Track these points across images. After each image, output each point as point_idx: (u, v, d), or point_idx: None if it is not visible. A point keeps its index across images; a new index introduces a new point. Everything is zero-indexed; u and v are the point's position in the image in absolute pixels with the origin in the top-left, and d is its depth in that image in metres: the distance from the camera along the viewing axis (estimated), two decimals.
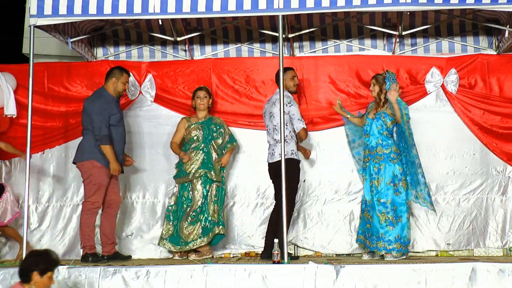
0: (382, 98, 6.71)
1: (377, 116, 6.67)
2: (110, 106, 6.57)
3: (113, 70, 6.78)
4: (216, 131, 7.08)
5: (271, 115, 6.75)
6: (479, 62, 7.34)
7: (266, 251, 6.44)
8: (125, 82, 6.75)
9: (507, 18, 6.92)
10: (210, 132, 7.05)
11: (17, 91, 7.21)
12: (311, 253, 7.23)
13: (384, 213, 6.49)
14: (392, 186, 6.52)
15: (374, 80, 6.75)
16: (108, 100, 6.60)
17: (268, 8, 6.12)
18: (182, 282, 5.48)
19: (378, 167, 6.58)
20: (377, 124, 6.65)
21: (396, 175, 6.54)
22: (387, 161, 6.56)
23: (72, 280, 5.50)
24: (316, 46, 7.79)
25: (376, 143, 6.63)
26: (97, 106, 6.51)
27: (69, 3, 6.15)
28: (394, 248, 6.42)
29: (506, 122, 7.23)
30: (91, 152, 6.50)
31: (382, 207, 6.50)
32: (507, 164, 7.22)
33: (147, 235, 7.30)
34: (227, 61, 7.63)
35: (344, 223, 7.25)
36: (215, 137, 7.06)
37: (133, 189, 7.40)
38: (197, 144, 7.01)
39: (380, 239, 6.45)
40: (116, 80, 6.68)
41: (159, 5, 6.13)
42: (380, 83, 6.69)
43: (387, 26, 7.48)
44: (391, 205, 6.49)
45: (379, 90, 6.71)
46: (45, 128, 7.31)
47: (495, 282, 5.37)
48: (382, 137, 6.63)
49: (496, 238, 7.15)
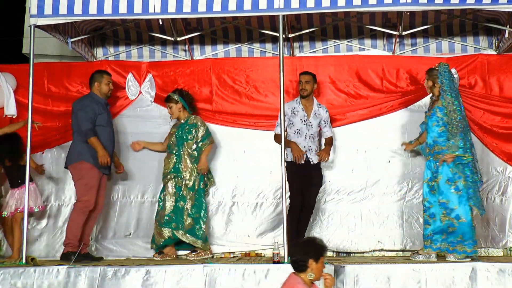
0: (435, 93, 6.49)
1: (432, 112, 6.49)
2: (97, 106, 6.66)
3: (93, 75, 6.85)
4: (189, 133, 7.03)
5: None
6: (479, 62, 7.34)
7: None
8: (108, 83, 6.84)
9: (507, 18, 6.92)
10: (182, 134, 7.02)
11: (17, 91, 7.22)
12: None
13: (444, 214, 6.29)
14: (451, 184, 6.29)
15: (427, 74, 6.56)
16: (95, 101, 6.68)
17: (268, 8, 6.13)
18: (182, 282, 5.49)
19: (437, 165, 6.39)
20: (432, 120, 6.46)
21: (454, 173, 6.30)
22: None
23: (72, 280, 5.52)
24: (316, 46, 7.79)
25: (433, 140, 6.43)
26: (82, 104, 6.61)
27: (69, 3, 6.16)
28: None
29: (506, 122, 7.23)
30: (81, 153, 6.56)
31: (442, 207, 6.31)
32: (507, 164, 7.22)
33: (146, 235, 7.29)
34: (227, 61, 7.63)
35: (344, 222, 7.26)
36: (189, 138, 7.02)
37: (132, 189, 7.39)
38: (172, 148, 7.05)
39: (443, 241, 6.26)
40: (98, 84, 6.78)
41: (159, 5, 6.14)
42: (433, 78, 6.49)
43: (387, 26, 7.48)
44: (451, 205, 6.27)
45: (432, 85, 6.51)
46: (45, 128, 7.31)
47: (495, 282, 5.38)
48: (437, 134, 6.41)
49: (496, 238, 7.15)
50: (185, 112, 7.09)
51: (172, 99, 7.06)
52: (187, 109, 7.10)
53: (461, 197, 6.25)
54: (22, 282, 5.53)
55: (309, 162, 6.82)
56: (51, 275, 5.56)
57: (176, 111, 7.07)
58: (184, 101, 7.07)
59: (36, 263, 5.99)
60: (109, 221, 7.32)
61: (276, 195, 7.28)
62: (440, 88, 6.42)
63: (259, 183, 7.35)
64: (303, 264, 4.39)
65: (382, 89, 7.37)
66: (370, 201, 7.24)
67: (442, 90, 6.40)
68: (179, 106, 7.06)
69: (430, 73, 6.53)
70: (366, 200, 7.28)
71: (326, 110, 7.02)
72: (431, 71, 6.53)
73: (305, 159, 6.77)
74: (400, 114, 7.36)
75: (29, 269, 5.60)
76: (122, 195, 7.38)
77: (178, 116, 7.09)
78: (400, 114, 7.36)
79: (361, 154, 7.35)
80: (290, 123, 6.87)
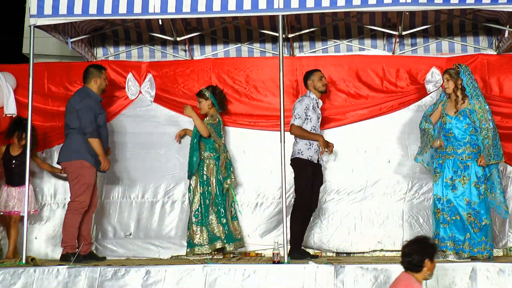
0: (460, 95, 6.45)
1: (462, 114, 6.43)
2: (97, 106, 6.61)
3: (91, 70, 6.72)
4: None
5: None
6: (479, 62, 7.33)
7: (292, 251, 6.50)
8: (105, 78, 6.79)
9: (507, 18, 6.91)
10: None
11: (17, 91, 7.21)
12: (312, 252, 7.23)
13: (470, 214, 6.30)
14: (478, 187, 6.33)
15: (448, 75, 6.50)
16: (95, 100, 6.62)
17: (268, 8, 6.13)
18: (182, 282, 5.49)
19: (465, 165, 6.38)
20: (463, 123, 6.42)
21: (481, 176, 6.34)
22: (473, 160, 6.37)
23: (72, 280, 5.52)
24: (316, 46, 7.79)
25: (464, 141, 6.41)
26: (85, 104, 6.50)
27: (69, 3, 6.16)
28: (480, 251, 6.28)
29: (506, 122, 7.22)
30: (80, 152, 6.47)
31: (468, 207, 6.32)
32: (507, 164, 7.22)
33: (146, 235, 7.30)
34: (227, 61, 7.63)
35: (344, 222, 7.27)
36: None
37: (132, 189, 7.39)
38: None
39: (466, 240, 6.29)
40: (97, 79, 6.68)
41: (159, 5, 6.15)
42: (455, 78, 6.46)
43: (387, 26, 7.48)
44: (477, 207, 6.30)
45: (455, 86, 6.47)
46: (45, 128, 7.31)
47: (495, 282, 5.37)
48: (470, 136, 6.40)
49: (496, 238, 7.14)
50: (214, 110, 7.09)
51: (203, 94, 7.07)
52: (216, 106, 7.10)
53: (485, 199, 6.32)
54: (22, 282, 5.53)
55: (318, 161, 6.83)
56: (51, 275, 5.55)
57: (205, 107, 7.07)
58: (214, 98, 7.06)
59: (36, 263, 6.00)
60: (109, 221, 7.32)
61: (276, 195, 7.28)
62: (467, 90, 6.40)
63: (259, 183, 7.35)
64: (420, 265, 4.33)
65: (382, 89, 7.36)
66: (370, 201, 7.24)
67: (470, 93, 6.39)
68: (208, 102, 7.06)
69: (450, 74, 6.48)
70: (366, 200, 7.28)
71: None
72: (451, 71, 6.49)
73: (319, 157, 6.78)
74: (400, 114, 7.35)
75: (29, 269, 5.59)
76: (122, 195, 7.38)
77: (206, 112, 7.07)
78: (400, 114, 7.35)
79: (361, 154, 7.35)
80: (307, 118, 6.70)
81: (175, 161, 7.35)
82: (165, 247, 7.25)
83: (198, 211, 6.91)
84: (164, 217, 7.35)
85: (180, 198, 7.35)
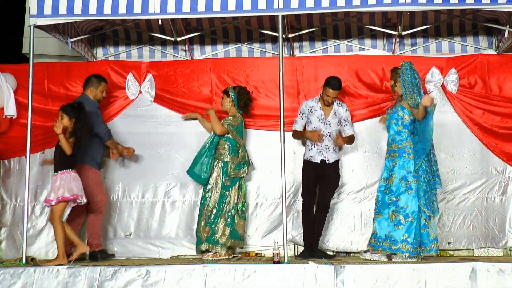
0: (395, 91, 6.62)
1: (393, 110, 6.57)
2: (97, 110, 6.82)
3: (91, 79, 6.87)
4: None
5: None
6: (479, 62, 7.33)
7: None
8: (103, 90, 6.91)
9: (507, 18, 6.92)
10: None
11: (17, 91, 7.22)
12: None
13: (394, 212, 6.37)
14: (404, 183, 6.39)
15: (391, 73, 6.68)
16: (94, 105, 6.77)
17: (268, 8, 6.14)
18: (182, 282, 5.49)
19: (393, 163, 6.47)
20: (391, 118, 6.54)
21: (410, 172, 6.38)
22: (401, 157, 6.43)
23: (72, 280, 5.52)
24: (316, 46, 7.80)
25: (392, 138, 6.53)
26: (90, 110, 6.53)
27: (69, 3, 6.18)
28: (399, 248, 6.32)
29: (506, 122, 7.23)
30: (81, 156, 6.46)
31: (393, 206, 6.40)
32: (507, 164, 7.22)
33: (146, 235, 7.30)
34: (227, 61, 7.63)
35: (344, 222, 7.27)
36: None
37: (132, 189, 7.39)
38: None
39: (387, 238, 6.37)
40: (94, 89, 6.83)
41: (159, 5, 6.16)
42: (394, 76, 6.58)
43: (387, 26, 7.48)
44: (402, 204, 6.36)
45: (393, 83, 6.61)
46: (45, 128, 7.31)
47: (495, 282, 5.37)
48: (396, 132, 6.50)
49: (496, 238, 7.15)
50: (234, 109, 7.08)
51: (227, 91, 7.08)
52: (236, 106, 7.07)
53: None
54: (22, 282, 5.53)
55: (325, 161, 6.82)
56: (51, 275, 5.56)
57: (225, 103, 7.08)
58: (236, 97, 7.04)
59: (36, 263, 6.00)
60: (109, 221, 7.31)
61: (276, 195, 7.27)
62: (402, 86, 6.44)
63: (259, 183, 7.35)
64: None
65: (382, 89, 7.36)
66: (370, 201, 7.22)
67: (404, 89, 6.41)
68: (229, 100, 7.06)
69: (393, 73, 6.62)
70: (366, 200, 7.28)
71: (346, 108, 6.98)
72: (394, 71, 6.60)
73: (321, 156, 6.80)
74: None
75: (29, 269, 5.59)
76: (122, 195, 7.38)
77: (227, 109, 7.08)
78: None
79: (361, 154, 7.35)
80: (308, 121, 6.90)
81: (175, 161, 7.35)
82: (165, 247, 7.25)
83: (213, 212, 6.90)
84: (164, 217, 7.35)
85: (180, 198, 7.35)
